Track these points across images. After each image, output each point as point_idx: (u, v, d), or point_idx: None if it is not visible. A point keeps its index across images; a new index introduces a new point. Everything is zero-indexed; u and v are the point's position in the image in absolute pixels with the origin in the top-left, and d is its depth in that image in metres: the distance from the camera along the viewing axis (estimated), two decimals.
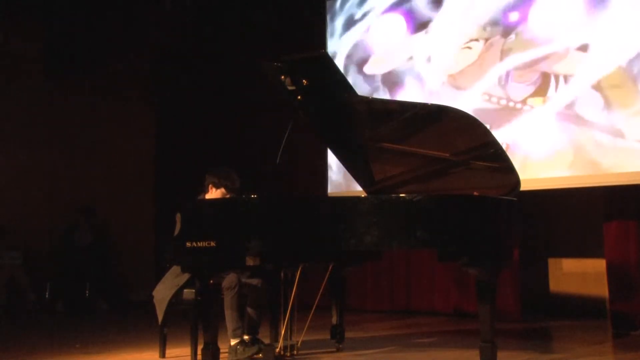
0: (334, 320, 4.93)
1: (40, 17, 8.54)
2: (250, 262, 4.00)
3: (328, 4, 7.61)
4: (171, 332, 4.67)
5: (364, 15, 7.30)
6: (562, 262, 6.84)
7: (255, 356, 4.45)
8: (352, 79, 7.06)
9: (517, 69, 6.19)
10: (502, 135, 6.02)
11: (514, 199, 3.95)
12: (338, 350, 4.85)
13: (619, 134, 5.60)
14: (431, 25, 6.76)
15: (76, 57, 8.72)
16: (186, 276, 4.40)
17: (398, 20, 7.03)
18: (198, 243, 3.93)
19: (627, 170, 5.55)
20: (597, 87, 5.74)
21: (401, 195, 3.71)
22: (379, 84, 7.06)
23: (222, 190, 4.62)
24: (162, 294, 4.54)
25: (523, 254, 6.36)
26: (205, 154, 8.47)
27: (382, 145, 4.42)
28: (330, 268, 4.82)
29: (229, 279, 4.43)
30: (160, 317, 4.53)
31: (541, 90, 6.05)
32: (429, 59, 6.74)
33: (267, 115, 7.90)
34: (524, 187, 4.11)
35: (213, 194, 4.65)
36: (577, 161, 5.81)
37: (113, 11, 8.76)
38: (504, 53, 6.28)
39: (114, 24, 8.85)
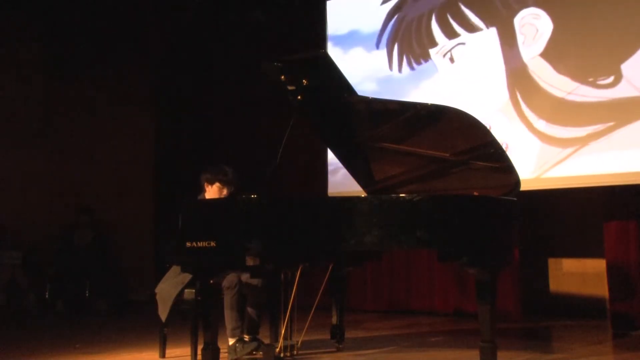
0: (334, 320, 4.93)
1: (40, 17, 8.53)
2: (250, 262, 4.00)
3: (328, 4, 7.62)
4: (171, 332, 4.67)
5: None
6: (562, 262, 6.84)
7: (254, 353, 4.45)
8: None
9: None
10: (502, 135, 6.02)
11: (514, 198, 3.95)
12: (338, 350, 4.85)
13: (618, 133, 5.60)
14: None
15: (76, 58, 8.72)
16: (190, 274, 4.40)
17: None
18: (198, 243, 3.93)
19: (627, 170, 5.54)
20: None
21: (401, 195, 3.71)
22: None
23: (217, 184, 4.63)
24: (167, 292, 4.54)
25: (523, 254, 6.36)
26: (205, 154, 8.48)
27: (382, 145, 4.41)
28: (330, 268, 4.82)
29: (229, 279, 4.43)
30: (164, 316, 4.53)
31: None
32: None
33: (266, 115, 7.91)
34: (524, 187, 4.10)
35: (210, 191, 4.65)
36: (577, 161, 5.81)
37: (113, 11, 8.77)
38: None
39: (114, 25, 8.85)
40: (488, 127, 4.08)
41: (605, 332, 5.69)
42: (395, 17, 7.04)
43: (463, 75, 6.50)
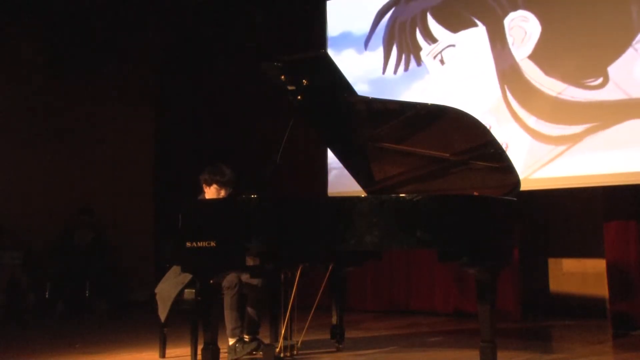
0: (334, 320, 4.93)
1: (40, 17, 8.53)
2: (250, 262, 4.00)
3: (328, 4, 7.62)
4: (171, 332, 4.67)
5: None
6: (562, 262, 6.84)
7: (254, 352, 4.46)
8: None
9: None
10: (502, 135, 6.03)
11: (514, 198, 3.95)
12: (338, 350, 4.85)
13: (618, 133, 5.60)
14: None
15: (76, 58, 8.72)
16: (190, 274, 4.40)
17: None
18: (198, 243, 3.93)
19: (627, 170, 5.55)
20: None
21: (401, 195, 3.71)
22: None
23: (215, 185, 4.62)
24: (167, 292, 4.54)
25: (523, 254, 6.36)
26: (204, 154, 8.47)
27: (382, 145, 4.42)
28: (330, 268, 4.82)
29: (229, 279, 4.43)
30: (163, 316, 4.53)
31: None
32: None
33: (267, 115, 7.91)
34: (524, 187, 4.11)
35: (208, 192, 4.65)
36: (571, 160, 5.81)
37: (113, 11, 8.77)
38: None
39: (114, 25, 8.85)
40: (488, 127, 4.09)
41: (605, 332, 5.69)
42: (387, 18, 7.04)
43: (454, 76, 6.51)
